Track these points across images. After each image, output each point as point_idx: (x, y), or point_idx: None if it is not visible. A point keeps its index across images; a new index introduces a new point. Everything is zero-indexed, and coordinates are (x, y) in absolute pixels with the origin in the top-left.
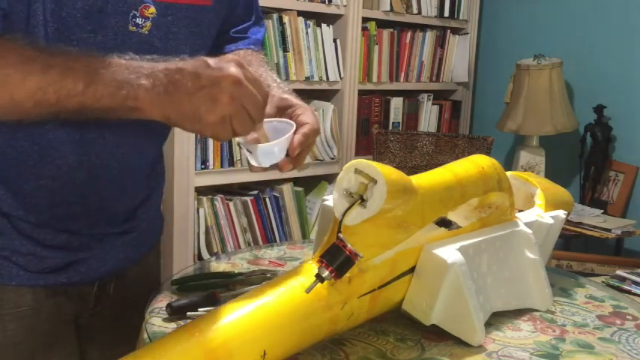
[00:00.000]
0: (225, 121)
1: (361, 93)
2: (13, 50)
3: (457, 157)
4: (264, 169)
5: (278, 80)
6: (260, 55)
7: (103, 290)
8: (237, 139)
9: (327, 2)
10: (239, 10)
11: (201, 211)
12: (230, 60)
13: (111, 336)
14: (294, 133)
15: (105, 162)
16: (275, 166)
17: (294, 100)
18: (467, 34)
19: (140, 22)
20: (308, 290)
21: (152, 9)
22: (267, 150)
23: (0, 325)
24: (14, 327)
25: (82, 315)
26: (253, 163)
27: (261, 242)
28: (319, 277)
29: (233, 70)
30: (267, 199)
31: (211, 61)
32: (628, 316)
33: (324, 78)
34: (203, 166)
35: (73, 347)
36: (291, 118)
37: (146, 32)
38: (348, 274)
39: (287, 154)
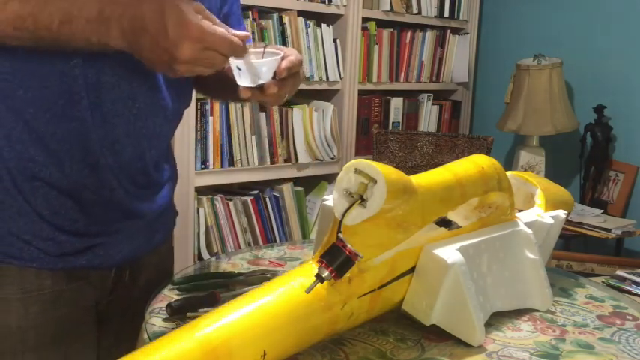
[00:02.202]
0: (195, 63)
1: (361, 93)
2: None
3: (457, 157)
4: (250, 91)
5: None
6: None
7: (119, 277)
8: (230, 60)
9: (327, 2)
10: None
11: (201, 211)
12: (189, 23)
13: (125, 325)
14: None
15: (119, 110)
16: (260, 87)
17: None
18: (467, 34)
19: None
20: (308, 290)
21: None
22: (256, 68)
23: (22, 308)
24: (36, 310)
25: (100, 301)
26: (240, 83)
27: (261, 242)
28: (319, 277)
29: (186, 50)
30: (267, 199)
31: (170, 26)
32: (628, 316)
33: (324, 78)
34: (203, 166)
35: (92, 336)
36: None
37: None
38: (348, 274)
39: (273, 78)
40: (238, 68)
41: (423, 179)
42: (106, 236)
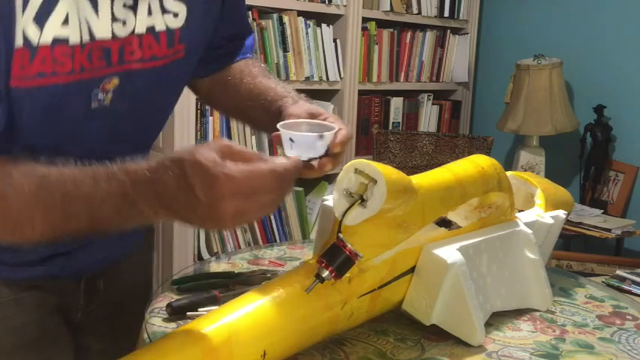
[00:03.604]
0: (243, 215)
1: (361, 93)
2: (13, 188)
3: (457, 157)
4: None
5: (289, 89)
6: (258, 62)
7: (92, 286)
8: (278, 126)
9: (327, 2)
10: (229, 27)
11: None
12: (218, 179)
13: (110, 335)
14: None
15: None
16: (308, 163)
17: (322, 109)
18: (467, 34)
19: (102, 97)
20: (308, 290)
21: (114, 80)
22: (311, 141)
23: None
24: None
25: (71, 309)
26: (291, 154)
27: (261, 242)
28: (319, 277)
29: (227, 207)
30: None
31: (199, 190)
32: (628, 316)
33: (324, 78)
34: None
35: (65, 342)
36: None
37: (108, 104)
38: (348, 274)
39: (325, 154)
40: (291, 140)
41: (423, 179)
42: (70, 244)
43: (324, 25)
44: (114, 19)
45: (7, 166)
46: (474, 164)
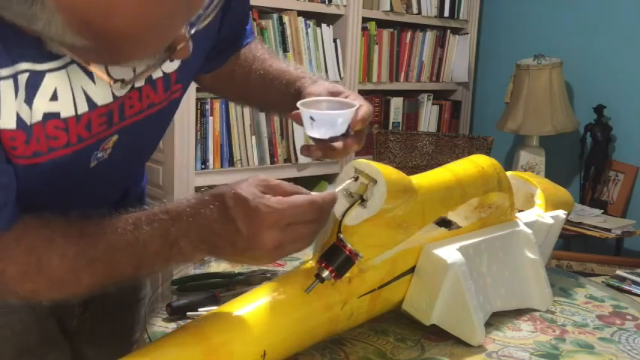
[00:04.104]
0: (283, 247)
1: (361, 93)
2: (53, 247)
3: (457, 157)
4: (321, 148)
5: (303, 69)
6: (261, 44)
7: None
8: (298, 105)
9: (327, 2)
10: (230, 29)
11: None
12: (258, 211)
13: (106, 341)
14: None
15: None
16: (331, 145)
17: (342, 87)
18: (467, 34)
19: (101, 155)
20: (308, 290)
21: (114, 138)
22: (332, 119)
23: None
24: None
25: (66, 317)
26: (311, 134)
27: None
28: (319, 277)
29: (267, 239)
30: None
31: (240, 222)
32: (628, 316)
33: (324, 78)
34: (203, 166)
35: (63, 348)
36: None
37: (107, 157)
38: (348, 274)
39: (346, 133)
40: (312, 119)
41: (423, 179)
42: None
43: (324, 25)
44: (113, 80)
45: (43, 231)
46: (474, 164)
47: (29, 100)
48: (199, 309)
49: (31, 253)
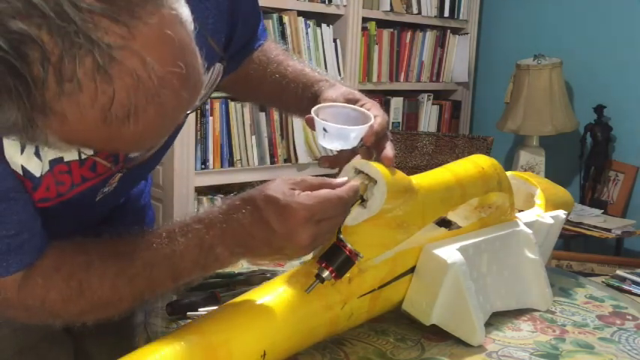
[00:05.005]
0: (316, 241)
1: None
2: (92, 270)
3: (457, 157)
4: (330, 163)
5: (321, 72)
6: (274, 44)
7: None
8: (312, 113)
9: (327, 2)
10: (242, 35)
11: (201, 210)
12: (290, 208)
13: (109, 339)
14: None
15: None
16: (342, 153)
17: (359, 94)
18: (467, 34)
19: (107, 190)
20: (308, 290)
21: (117, 176)
22: (344, 133)
23: None
24: None
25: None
26: (323, 144)
27: None
28: (319, 278)
29: (303, 234)
30: None
31: (274, 222)
32: (628, 316)
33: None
34: (203, 166)
35: (67, 347)
36: None
37: (112, 190)
38: (348, 274)
39: (360, 145)
40: (325, 130)
41: (423, 179)
42: None
43: (324, 25)
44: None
45: (79, 256)
46: (474, 164)
47: (37, 152)
48: (199, 309)
49: (72, 278)
